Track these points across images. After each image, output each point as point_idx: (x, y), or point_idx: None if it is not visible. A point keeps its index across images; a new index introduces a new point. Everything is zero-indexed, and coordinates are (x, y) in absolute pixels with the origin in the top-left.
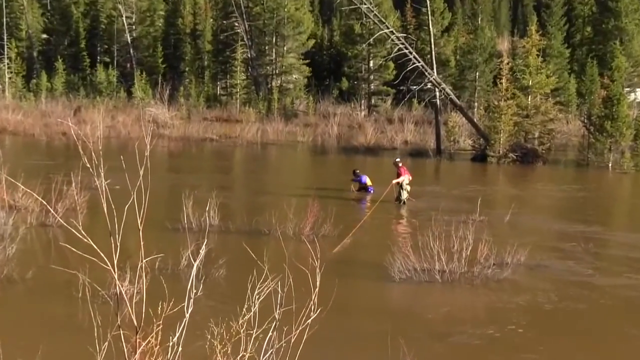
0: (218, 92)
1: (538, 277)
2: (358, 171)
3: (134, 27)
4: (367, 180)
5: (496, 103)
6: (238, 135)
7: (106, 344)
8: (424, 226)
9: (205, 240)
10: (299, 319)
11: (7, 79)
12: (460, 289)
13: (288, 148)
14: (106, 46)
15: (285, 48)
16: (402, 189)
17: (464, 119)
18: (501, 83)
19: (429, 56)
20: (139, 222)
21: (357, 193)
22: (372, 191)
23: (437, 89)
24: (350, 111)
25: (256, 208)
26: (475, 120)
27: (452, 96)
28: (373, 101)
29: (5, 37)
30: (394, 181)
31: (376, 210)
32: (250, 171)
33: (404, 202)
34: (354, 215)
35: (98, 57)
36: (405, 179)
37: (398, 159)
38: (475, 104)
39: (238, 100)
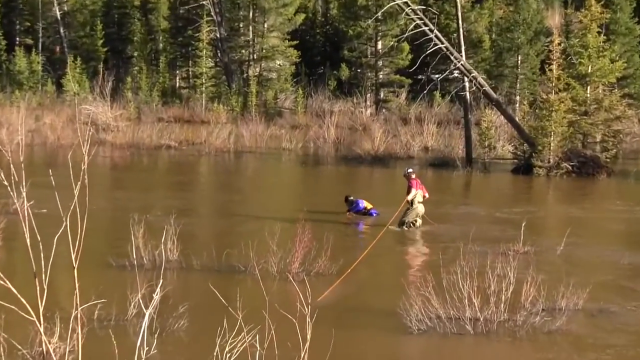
0: (177, 85)
1: (603, 328)
2: (352, 197)
3: None
4: (365, 204)
5: (545, 96)
6: (204, 142)
7: None
8: (450, 260)
9: (161, 281)
10: None
11: None
12: (499, 343)
13: (270, 158)
14: (28, 24)
15: (265, 25)
16: (411, 207)
17: (502, 117)
18: (551, 70)
19: (455, 35)
20: (73, 258)
21: (355, 216)
22: (376, 214)
23: (466, 79)
24: (352, 108)
25: (228, 238)
26: (517, 119)
27: (487, 88)
28: (382, 95)
29: None
30: (408, 197)
31: (383, 239)
32: (221, 189)
33: (411, 225)
34: (357, 245)
35: (17, 39)
36: (417, 194)
37: (410, 169)
38: (517, 97)
39: (204, 95)
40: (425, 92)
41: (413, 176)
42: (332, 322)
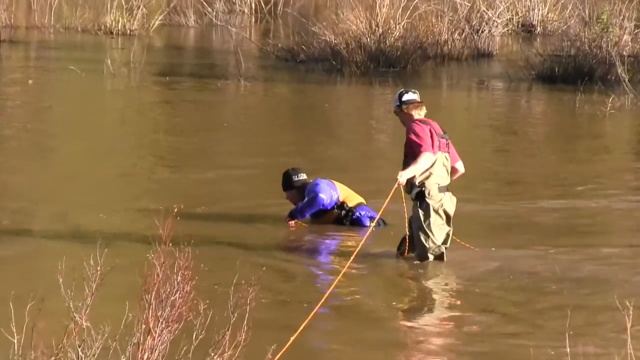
0: None
1: None
2: (301, 176)
3: None
4: (338, 194)
5: None
6: None
7: None
8: (586, 351)
9: None
10: None
11: None
12: None
13: (75, 61)
14: None
15: None
16: (423, 204)
17: None
18: None
19: None
20: None
21: (312, 225)
22: (370, 219)
23: None
24: None
25: None
26: None
27: None
28: None
29: None
30: (400, 177)
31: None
32: None
33: (441, 255)
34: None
35: None
36: (435, 162)
37: (412, 94)
38: None
39: None
40: None
41: (417, 114)
42: None
